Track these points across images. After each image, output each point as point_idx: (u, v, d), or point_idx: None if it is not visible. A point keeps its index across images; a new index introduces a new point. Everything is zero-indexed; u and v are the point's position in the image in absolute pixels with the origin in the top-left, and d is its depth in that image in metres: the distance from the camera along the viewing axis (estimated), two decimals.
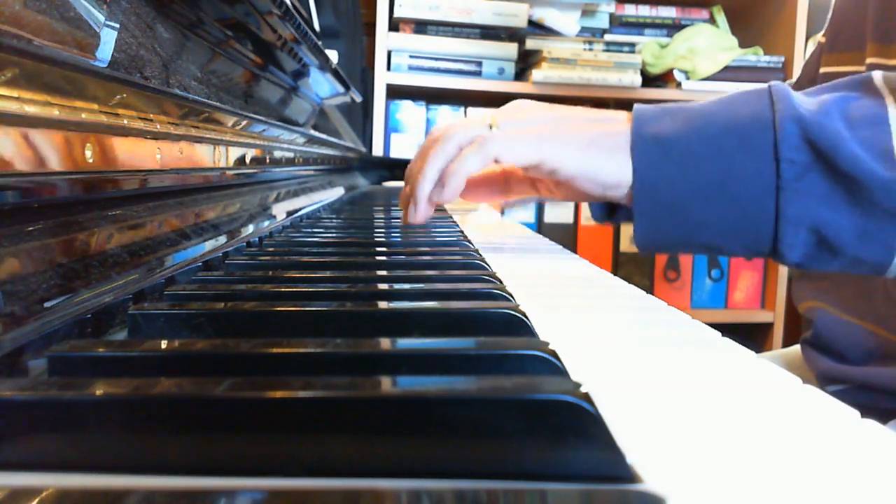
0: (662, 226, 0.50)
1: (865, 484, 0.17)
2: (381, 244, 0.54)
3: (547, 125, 0.54)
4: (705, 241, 0.50)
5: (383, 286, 0.35)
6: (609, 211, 0.67)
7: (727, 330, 0.32)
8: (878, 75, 0.49)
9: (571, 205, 1.83)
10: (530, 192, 0.63)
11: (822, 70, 0.74)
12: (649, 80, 1.85)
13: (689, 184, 0.48)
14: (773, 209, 0.47)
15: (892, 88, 0.48)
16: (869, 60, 0.68)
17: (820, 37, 0.79)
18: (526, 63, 1.82)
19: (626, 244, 1.86)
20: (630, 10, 1.90)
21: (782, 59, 1.80)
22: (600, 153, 0.51)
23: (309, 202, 0.80)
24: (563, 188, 0.56)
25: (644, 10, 1.90)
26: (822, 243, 0.47)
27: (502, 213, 1.79)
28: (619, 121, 0.52)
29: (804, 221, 0.47)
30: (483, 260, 0.44)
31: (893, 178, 0.45)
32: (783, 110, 0.47)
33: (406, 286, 0.35)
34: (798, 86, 0.81)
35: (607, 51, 1.82)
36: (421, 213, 0.56)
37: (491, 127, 0.55)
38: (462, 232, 0.64)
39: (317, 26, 1.29)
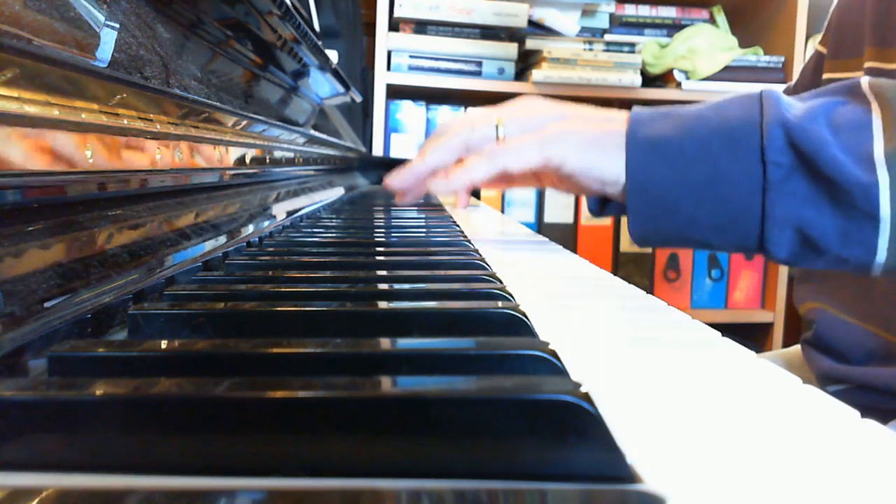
0: (654, 222, 0.52)
1: (866, 484, 0.17)
2: (381, 244, 0.54)
3: (550, 125, 0.56)
4: (695, 238, 0.52)
5: (383, 286, 0.35)
6: (602, 204, 0.70)
7: (727, 330, 0.32)
8: (864, 81, 0.51)
9: (571, 205, 1.83)
10: (533, 183, 0.66)
11: (825, 76, 0.75)
12: (649, 80, 1.85)
13: (680, 183, 0.50)
14: (760, 209, 0.49)
15: (878, 94, 0.49)
16: (867, 65, 0.68)
17: (818, 45, 0.79)
18: (526, 63, 1.82)
19: (626, 244, 1.86)
20: (630, 10, 1.90)
21: (782, 59, 1.80)
22: (600, 152, 0.53)
23: (309, 202, 0.80)
24: (565, 182, 0.59)
25: (644, 10, 1.90)
26: (807, 243, 0.49)
27: (502, 210, 1.79)
28: (619, 121, 0.55)
29: (789, 221, 0.48)
30: (483, 260, 0.44)
31: (873, 181, 0.46)
32: (770, 115, 0.49)
33: (406, 286, 0.35)
34: (795, 91, 0.82)
35: (607, 51, 1.82)
36: (408, 186, 0.61)
37: (497, 127, 0.58)
38: (462, 232, 0.64)
39: (317, 26, 1.28)
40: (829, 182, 0.47)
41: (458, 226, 0.70)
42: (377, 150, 1.80)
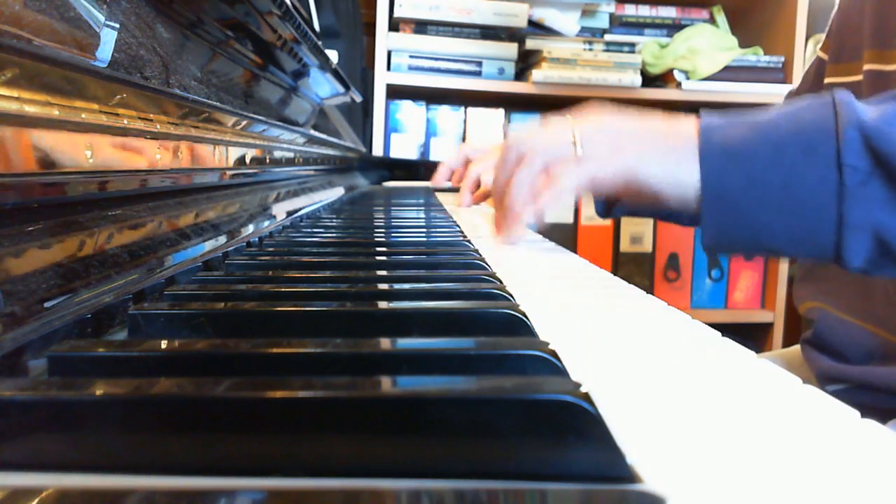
0: (728, 230, 0.51)
1: (866, 484, 0.17)
2: (381, 244, 0.54)
3: (623, 139, 0.56)
4: (770, 245, 0.51)
5: (383, 286, 0.35)
6: (609, 207, 0.69)
7: (727, 330, 0.32)
8: None
9: (571, 205, 1.83)
10: (630, 194, 0.63)
11: (826, 81, 0.75)
12: (649, 80, 1.85)
13: (754, 189, 0.50)
14: (836, 215, 0.48)
15: None
16: (866, 67, 0.68)
17: (819, 51, 0.80)
18: (526, 63, 1.82)
19: (626, 244, 1.86)
20: (630, 10, 1.90)
21: (782, 59, 1.80)
22: (676, 163, 0.53)
23: (309, 202, 0.80)
24: (641, 196, 0.58)
25: (644, 10, 1.90)
26: (884, 249, 0.48)
27: None
28: (688, 130, 0.54)
29: (866, 227, 0.47)
30: (483, 260, 0.44)
31: None
32: (845, 117, 0.48)
33: (406, 286, 0.35)
34: (797, 96, 0.82)
35: (607, 51, 1.82)
36: (518, 232, 0.60)
37: (574, 145, 0.57)
38: (462, 232, 0.64)
39: (317, 26, 1.29)
40: None
41: (458, 226, 0.70)
42: (377, 150, 1.80)
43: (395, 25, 1.76)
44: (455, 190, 1.13)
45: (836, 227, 0.48)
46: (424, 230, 0.64)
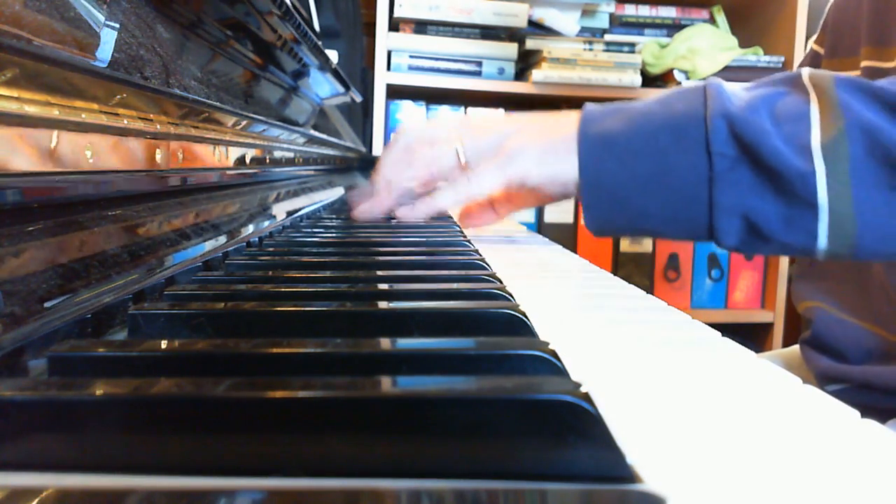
0: (607, 214, 0.54)
1: (865, 484, 0.17)
2: (381, 244, 0.54)
3: (507, 142, 0.60)
4: (648, 228, 0.54)
5: (383, 286, 0.35)
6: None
7: (727, 330, 0.32)
8: (805, 73, 0.53)
9: (571, 205, 1.83)
10: (507, 206, 0.70)
11: None
12: (649, 80, 1.85)
13: (630, 177, 0.53)
14: (707, 199, 0.51)
15: (816, 85, 0.51)
16: (864, 64, 0.68)
17: (814, 44, 0.80)
18: (526, 63, 1.82)
19: (626, 244, 1.86)
20: (630, 10, 1.90)
21: (782, 59, 1.80)
22: (556, 159, 0.56)
23: (309, 202, 0.80)
24: (531, 195, 0.63)
25: (644, 10, 1.90)
26: (753, 230, 0.51)
27: None
28: (571, 123, 0.57)
29: (736, 210, 0.50)
30: (483, 260, 0.44)
31: (810, 171, 0.48)
32: (714, 107, 0.51)
33: (406, 286, 0.35)
34: None
35: (607, 51, 1.82)
36: (374, 215, 0.68)
37: (458, 151, 0.62)
38: (462, 232, 0.64)
39: (317, 26, 1.29)
40: (771, 171, 0.48)
41: (458, 226, 0.70)
42: (377, 150, 1.80)
43: (395, 25, 1.76)
44: None
45: (707, 210, 0.51)
46: (424, 230, 0.64)
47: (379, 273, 0.41)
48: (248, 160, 0.59)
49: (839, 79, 0.50)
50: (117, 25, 0.37)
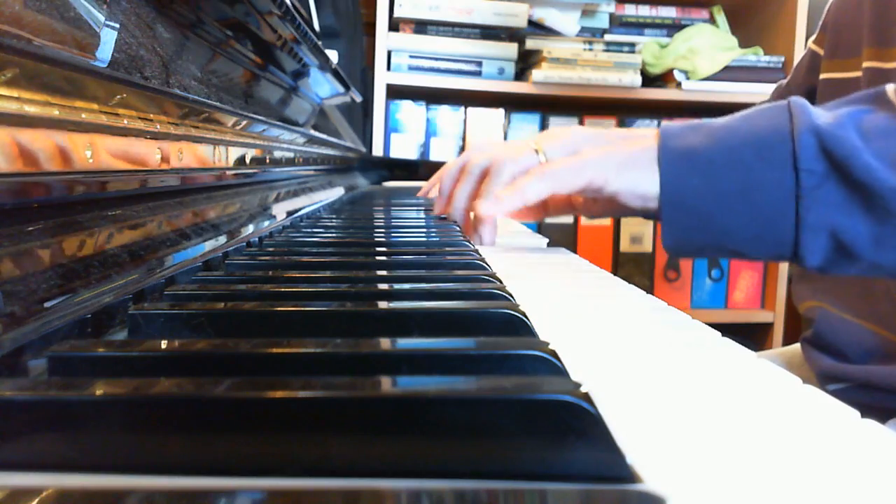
0: (688, 232, 0.53)
1: (866, 484, 0.17)
2: (381, 244, 0.54)
3: (587, 148, 0.58)
4: (730, 247, 0.53)
5: (383, 286, 0.35)
6: None
7: (727, 330, 0.32)
8: (890, 88, 0.52)
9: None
10: (568, 210, 0.68)
11: (822, 76, 0.75)
12: (649, 80, 1.85)
13: (713, 193, 0.51)
14: (794, 216, 0.49)
15: None
16: (865, 64, 0.68)
17: (812, 44, 0.79)
18: (526, 63, 1.82)
19: (626, 244, 1.86)
20: (630, 10, 1.90)
21: (782, 59, 1.80)
22: (637, 170, 0.54)
23: (309, 202, 0.80)
24: (601, 204, 0.61)
25: (644, 10, 1.90)
26: (841, 249, 0.49)
27: None
28: (650, 137, 0.56)
29: (823, 228, 0.49)
30: (483, 260, 0.44)
31: None
32: (801, 123, 0.49)
33: (406, 286, 0.35)
34: (788, 90, 0.82)
35: (607, 51, 1.82)
36: (490, 234, 0.62)
37: (537, 152, 0.60)
38: (462, 232, 0.64)
39: (317, 26, 1.29)
40: (862, 188, 0.47)
41: (457, 226, 0.70)
42: (377, 150, 1.80)
43: (395, 25, 1.76)
44: None
45: (793, 228, 0.50)
46: (424, 230, 0.64)
47: (379, 273, 0.41)
48: (248, 160, 0.59)
49: None
50: (117, 25, 0.37)
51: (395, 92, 1.81)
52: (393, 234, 0.65)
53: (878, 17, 0.68)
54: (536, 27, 1.84)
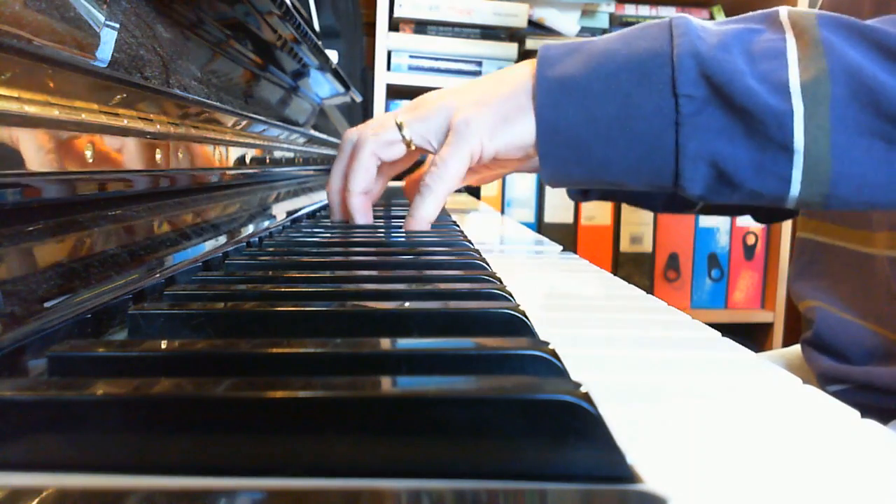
0: (565, 164, 0.51)
1: (866, 484, 0.17)
2: (381, 244, 0.54)
3: (454, 116, 0.55)
4: (610, 178, 0.51)
5: (383, 286, 0.35)
6: (584, 191, 0.69)
7: (727, 330, 0.32)
8: (783, 10, 0.50)
9: (571, 205, 1.83)
10: (479, 178, 0.66)
11: None
12: None
13: (590, 123, 0.49)
14: (674, 144, 0.47)
15: (795, 23, 0.48)
16: None
17: None
18: None
19: (626, 244, 1.86)
20: (630, 10, 1.90)
21: None
22: (511, 121, 0.52)
23: (309, 202, 0.80)
24: (490, 167, 0.60)
25: (644, 10, 1.90)
26: (722, 177, 0.48)
27: (502, 211, 1.79)
28: (525, 72, 0.53)
29: (703, 156, 0.47)
30: (483, 260, 0.44)
31: (787, 110, 0.45)
32: (682, 45, 0.47)
33: (406, 286, 0.35)
34: None
35: None
36: (355, 215, 0.62)
37: (400, 128, 0.58)
38: (462, 232, 0.64)
39: (317, 26, 1.29)
40: (744, 112, 0.45)
41: (457, 226, 0.70)
42: None
43: (395, 25, 1.76)
44: (459, 190, 1.12)
45: (673, 156, 0.48)
46: (424, 230, 0.64)
47: (379, 273, 0.41)
48: (248, 160, 0.59)
49: (822, 17, 0.47)
50: (117, 25, 0.37)
51: (395, 92, 1.81)
52: (393, 234, 0.65)
53: (878, 7, 0.68)
54: (536, 27, 1.84)
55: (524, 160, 0.57)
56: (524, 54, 1.80)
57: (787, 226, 1.79)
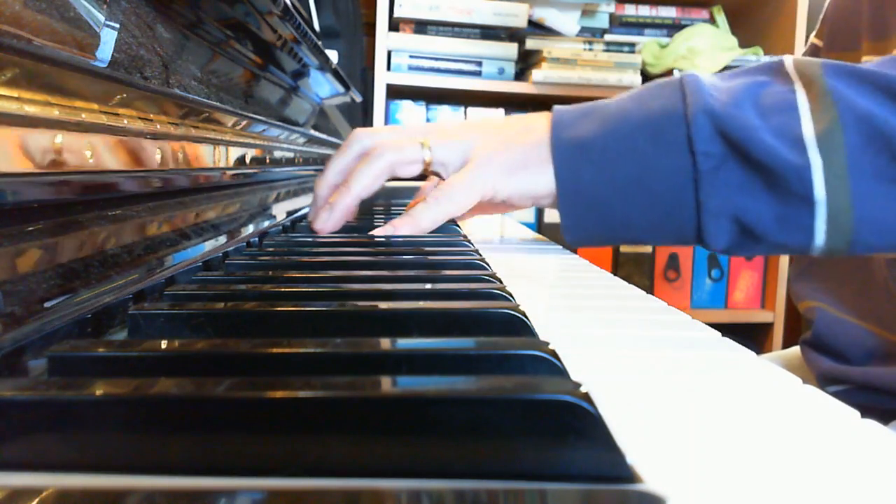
0: (587, 224, 0.51)
1: (866, 485, 0.17)
2: (380, 244, 0.54)
3: (475, 150, 0.56)
4: (632, 237, 0.51)
5: (383, 286, 0.35)
6: None
7: (727, 330, 0.32)
8: (788, 60, 0.50)
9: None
10: (483, 210, 0.66)
11: None
12: (649, 79, 1.85)
13: (609, 183, 0.50)
14: (694, 201, 0.48)
15: (801, 73, 0.48)
16: (865, 58, 0.68)
17: (814, 38, 0.79)
18: (526, 63, 1.82)
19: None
20: (630, 10, 1.90)
21: None
22: (527, 170, 0.53)
23: (309, 202, 0.80)
24: (495, 206, 0.59)
25: (644, 10, 1.90)
26: (745, 231, 0.48)
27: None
28: (541, 126, 0.54)
29: (725, 211, 0.47)
30: (483, 260, 0.44)
31: (805, 164, 0.45)
32: (694, 103, 0.48)
33: (406, 286, 0.35)
34: None
35: (607, 51, 1.82)
36: (339, 222, 0.58)
37: (423, 146, 0.56)
38: (462, 232, 0.64)
39: (317, 26, 1.29)
40: (762, 168, 0.46)
41: (458, 226, 0.70)
42: None
43: (395, 25, 1.76)
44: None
45: (695, 213, 0.48)
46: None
47: (379, 273, 0.41)
48: (248, 160, 0.59)
49: (826, 65, 0.48)
50: (117, 25, 0.37)
51: (395, 92, 1.81)
52: (393, 234, 0.65)
53: (877, 10, 0.68)
54: (536, 27, 1.84)
55: (523, 207, 0.57)
56: (524, 54, 1.81)
57: None
